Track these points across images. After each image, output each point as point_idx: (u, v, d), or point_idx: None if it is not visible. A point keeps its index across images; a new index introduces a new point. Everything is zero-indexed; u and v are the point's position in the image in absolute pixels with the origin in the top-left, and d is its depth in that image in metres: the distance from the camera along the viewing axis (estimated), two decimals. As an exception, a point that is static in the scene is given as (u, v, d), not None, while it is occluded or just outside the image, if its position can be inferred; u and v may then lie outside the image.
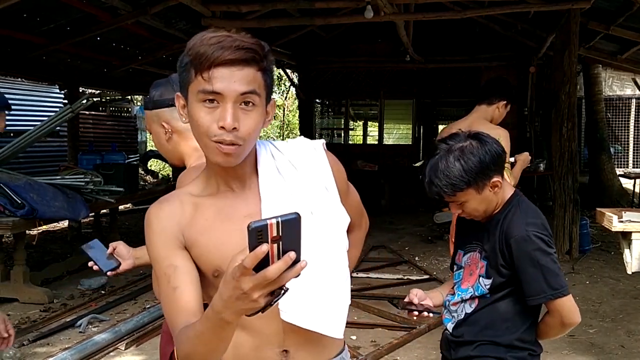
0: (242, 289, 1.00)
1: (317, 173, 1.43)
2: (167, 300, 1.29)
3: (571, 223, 7.48)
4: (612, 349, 4.52)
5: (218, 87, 1.22)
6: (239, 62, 1.23)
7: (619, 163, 14.95)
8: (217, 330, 1.12)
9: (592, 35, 8.97)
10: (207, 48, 1.22)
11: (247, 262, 0.97)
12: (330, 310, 1.37)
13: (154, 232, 1.34)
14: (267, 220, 0.97)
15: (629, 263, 3.17)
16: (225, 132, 1.23)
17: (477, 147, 1.91)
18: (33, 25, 7.40)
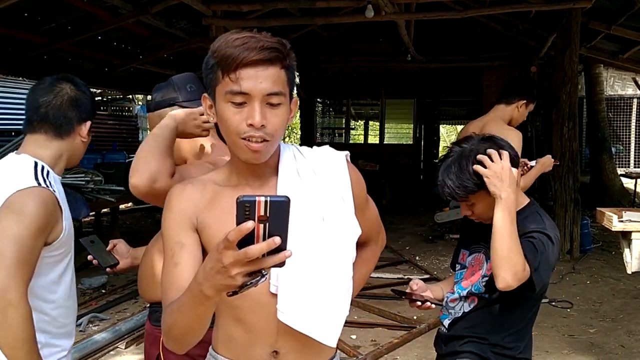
0: (223, 262, 1.02)
1: (336, 182, 1.45)
2: (166, 274, 1.33)
3: (572, 223, 7.48)
4: (612, 348, 4.51)
5: (245, 87, 1.27)
6: (263, 62, 1.27)
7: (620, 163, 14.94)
8: (196, 304, 1.14)
9: (593, 34, 8.97)
10: (232, 50, 1.26)
11: (231, 235, 0.99)
12: (327, 317, 1.37)
13: (171, 210, 1.38)
14: (256, 196, 0.98)
15: (629, 263, 3.15)
16: (253, 129, 1.28)
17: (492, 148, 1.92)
18: (34, 24, 7.41)
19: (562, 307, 5.52)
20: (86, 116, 1.98)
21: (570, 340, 4.67)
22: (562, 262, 7.23)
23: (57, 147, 1.93)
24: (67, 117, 1.93)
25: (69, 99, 1.94)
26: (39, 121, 1.91)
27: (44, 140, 1.91)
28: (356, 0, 7.24)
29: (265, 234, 1.00)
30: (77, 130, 1.96)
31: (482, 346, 2.01)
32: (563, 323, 5.07)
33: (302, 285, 1.34)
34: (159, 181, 1.70)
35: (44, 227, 1.77)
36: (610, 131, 13.34)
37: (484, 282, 2.00)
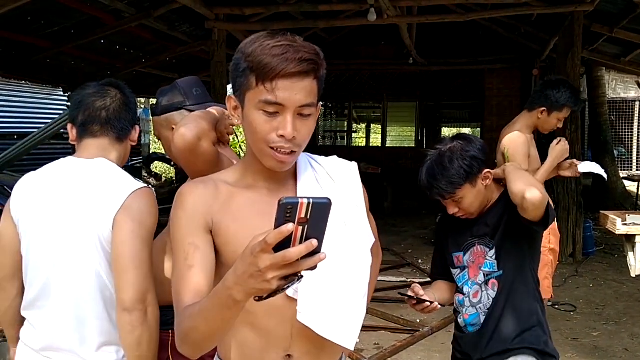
0: (259, 266, 0.99)
1: (351, 189, 1.46)
2: (179, 276, 1.30)
3: (575, 226, 7.47)
4: (616, 352, 4.50)
5: (281, 99, 1.25)
6: (300, 74, 1.25)
7: (623, 166, 14.90)
8: (222, 308, 1.11)
9: (595, 37, 8.96)
10: (270, 59, 1.23)
11: (270, 238, 0.96)
12: (346, 320, 1.37)
13: (184, 209, 1.34)
14: (299, 198, 0.96)
15: (632, 266, 3.16)
16: (284, 141, 1.27)
17: (464, 144, 2.10)
18: (37, 28, 7.43)
19: (565, 310, 5.51)
20: (135, 120, 2.03)
21: (573, 343, 4.67)
22: (565, 265, 7.22)
23: (118, 150, 1.96)
24: (126, 121, 1.97)
25: (124, 103, 1.98)
26: (102, 125, 1.93)
27: (108, 144, 1.94)
28: (359, 3, 7.25)
29: (302, 237, 0.98)
30: (130, 135, 2.00)
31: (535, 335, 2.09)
32: (566, 326, 5.06)
33: (322, 288, 1.33)
34: (205, 141, 1.71)
35: (156, 225, 1.84)
36: (613, 134, 13.31)
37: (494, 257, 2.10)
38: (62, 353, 1.81)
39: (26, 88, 11.64)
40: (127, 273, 1.72)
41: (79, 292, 1.79)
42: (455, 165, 2.05)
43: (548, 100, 3.35)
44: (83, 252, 1.78)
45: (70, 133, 1.98)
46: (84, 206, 1.78)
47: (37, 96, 12.12)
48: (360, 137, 16.96)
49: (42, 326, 1.82)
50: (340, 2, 7.60)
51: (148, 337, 1.73)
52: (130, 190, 1.80)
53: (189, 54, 9.72)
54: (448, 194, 2.09)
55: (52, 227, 1.80)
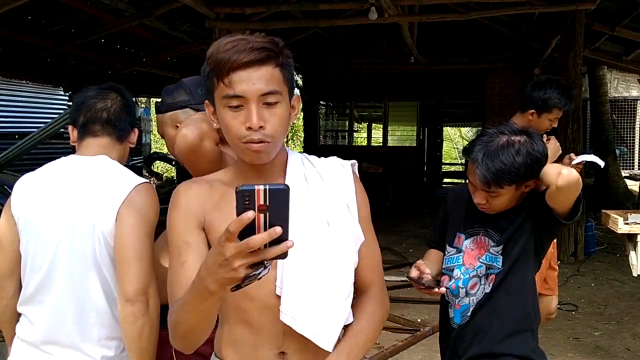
0: (225, 254, 1.01)
1: (341, 189, 1.45)
2: (172, 272, 1.35)
3: (576, 225, 7.45)
4: (618, 351, 4.49)
5: (239, 90, 1.26)
6: (255, 63, 1.26)
7: (625, 165, 14.89)
8: (200, 300, 1.14)
9: (597, 36, 8.94)
10: (223, 54, 1.26)
11: (232, 227, 0.99)
12: (326, 321, 1.37)
13: (177, 207, 1.39)
14: (254, 185, 0.98)
15: (634, 265, 3.15)
16: (253, 132, 1.28)
17: (531, 142, 1.94)
18: (38, 27, 7.42)
19: (566, 309, 5.49)
20: (134, 123, 2.06)
21: (575, 343, 4.65)
22: (566, 265, 7.20)
23: (118, 150, 2.00)
24: (125, 123, 2.00)
25: (124, 105, 2.01)
26: (103, 125, 1.96)
27: (108, 143, 1.97)
28: (359, 2, 7.24)
29: (266, 224, 0.99)
30: (128, 137, 2.04)
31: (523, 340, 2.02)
32: (568, 326, 5.05)
33: (304, 288, 1.34)
34: (207, 141, 1.72)
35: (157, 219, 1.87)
36: (614, 133, 13.30)
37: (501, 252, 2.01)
38: (63, 347, 1.84)
39: (27, 87, 11.64)
40: (131, 265, 1.76)
41: (81, 286, 1.82)
42: (519, 161, 1.90)
43: (535, 103, 3.33)
44: (85, 246, 1.81)
45: (71, 134, 2.01)
46: (87, 201, 1.82)
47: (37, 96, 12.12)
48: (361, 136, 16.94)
49: (41, 321, 1.85)
50: (341, 1, 7.59)
51: (149, 328, 1.77)
52: (132, 184, 1.84)
53: (190, 53, 9.71)
54: (496, 184, 1.92)
55: (54, 222, 1.83)
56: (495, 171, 1.90)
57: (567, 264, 7.25)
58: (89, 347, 1.83)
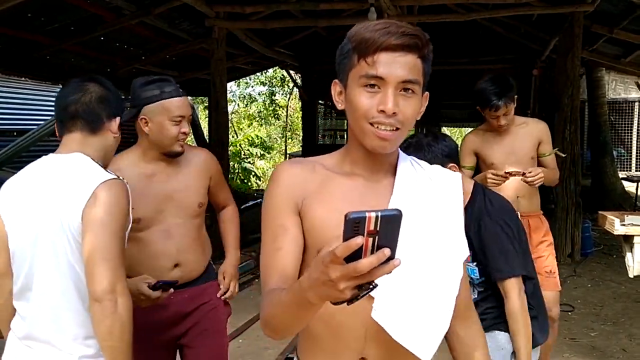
0: (330, 276, 0.96)
1: (451, 197, 1.40)
2: (267, 257, 1.31)
3: (573, 226, 7.47)
4: (614, 352, 4.51)
5: (381, 72, 1.23)
6: (402, 48, 1.23)
7: (622, 166, 14.91)
8: (298, 307, 1.10)
9: (595, 38, 8.96)
10: (372, 34, 1.23)
11: (338, 251, 0.93)
12: (424, 327, 1.29)
13: (278, 186, 1.34)
14: (366, 212, 0.93)
15: (630, 267, 3.15)
16: (384, 116, 1.24)
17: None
18: (37, 25, 7.42)
19: (563, 310, 5.50)
20: (115, 112, 2.02)
21: (571, 343, 4.68)
22: (563, 265, 7.22)
23: (94, 143, 1.97)
24: (96, 114, 1.97)
25: (97, 96, 1.99)
26: (71, 119, 1.95)
27: (81, 137, 1.96)
28: (359, 2, 7.25)
29: (374, 247, 0.95)
30: (108, 126, 2.00)
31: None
32: (564, 326, 5.07)
33: (402, 289, 1.28)
34: None
35: (127, 216, 1.86)
36: (612, 134, 13.32)
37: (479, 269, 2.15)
38: (39, 343, 1.86)
39: (26, 85, 11.62)
40: (96, 264, 1.75)
41: (55, 284, 1.83)
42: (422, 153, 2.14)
43: (476, 101, 3.47)
44: (57, 245, 1.82)
45: (56, 130, 2.03)
46: (55, 200, 1.82)
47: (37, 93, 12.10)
48: (359, 136, 16.92)
49: (27, 317, 1.88)
50: (341, 0, 7.59)
51: (119, 327, 1.75)
52: (98, 182, 1.82)
53: (189, 51, 9.70)
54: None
55: (30, 222, 1.84)
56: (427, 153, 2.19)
57: (564, 264, 7.27)
58: (66, 345, 1.84)
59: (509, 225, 2.15)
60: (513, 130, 3.48)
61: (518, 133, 3.48)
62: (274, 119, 22.43)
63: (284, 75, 18.99)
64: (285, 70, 13.28)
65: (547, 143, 3.52)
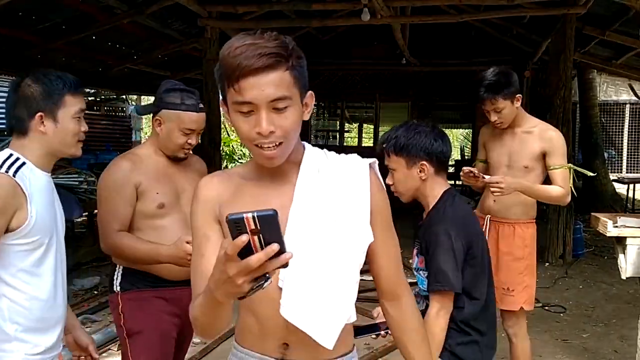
0: (228, 273, 1.08)
1: (355, 186, 1.44)
2: (193, 264, 1.42)
3: (565, 227, 7.50)
4: (606, 353, 4.52)
5: (249, 97, 1.27)
6: (264, 69, 1.26)
7: (613, 168, 14.99)
8: (211, 306, 1.23)
9: (587, 40, 9.00)
10: (232, 60, 1.26)
11: (229, 250, 1.06)
12: (326, 317, 1.37)
13: (198, 201, 1.45)
14: (243, 213, 1.04)
15: (623, 268, 3.16)
16: (262, 137, 1.30)
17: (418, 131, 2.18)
18: (28, 23, 7.37)
19: (555, 311, 5.53)
20: (35, 109, 1.97)
21: (563, 344, 4.68)
22: (554, 267, 7.25)
23: (28, 145, 1.97)
24: (17, 118, 1.98)
25: (17, 98, 1.98)
26: (8, 127, 2.02)
27: (16, 140, 1.99)
28: (352, 3, 7.24)
29: (262, 243, 1.06)
30: (34, 126, 1.97)
31: None
32: (556, 327, 5.08)
33: (305, 283, 1.36)
34: None
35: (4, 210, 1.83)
36: (603, 136, 13.38)
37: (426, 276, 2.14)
38: None
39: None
40: None
41: None
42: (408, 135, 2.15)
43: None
44: None
45: None
46: None
47: (27, 92, 12.03)
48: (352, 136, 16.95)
49: None
50: (333, 1, 7.58)
51: None
52: None
53: (181, 51, 9.68)
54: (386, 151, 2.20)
55: None
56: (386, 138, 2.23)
57: (556, 265, 7.30)
58: None
59: (457, 239, 2.08)
60: (517, 132, 3.34)
61: (520, 137, 3.32)
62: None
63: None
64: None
65: (557, 155, 3.23)
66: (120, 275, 2.51)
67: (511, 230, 3.32)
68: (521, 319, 3.36)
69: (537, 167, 3.27)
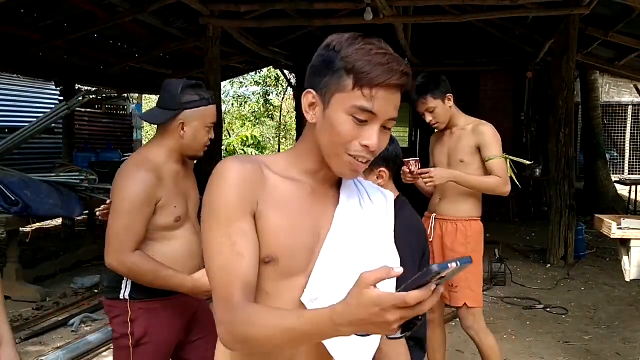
0: (387, 319, 0.98)
1: (385, 217, 1.43)
2: (226, 264, 1.18)
3: (567, 229, 7.47)
4: (608, 356, 4.50)
5: (377, 109, 1.21)
6: (399, 88, 1.23)
7: (615, 169, 14.97)
8: (319, 336, 1.10)
9: (590, 41, 8.97)
10: (375, 67, 1.19)
11: (411, 299, 0.96)
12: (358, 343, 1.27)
13: (230, 185, 1.21)
14: (448, 264, 0.96)
15: (627, 270, 3.14)
16: (366, 151, 1.23)
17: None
18: (30, 21, 7.35)
19: (557, 313, 5.51)
20: None
21: (565, 346, 4.66)
22: (556, 268, 7.23)
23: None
24: None
25: None
26: None
27: None
28: (355, 2, 7.22)
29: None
30: None
31: None
32: (558, 329, 5.06)
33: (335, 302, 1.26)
34: None
35: None
36: (605, 137, 13.36)
37: None
38: None
39: (18, 82, 11.54)
40: None
41: None
42: None
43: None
44: None
45: None
46: None
47: (29, 90, 12.02)
48: (353, 136, 16.88)
49: None
50: (336, 0, 7.57)
51: None
52: None
53: (183, 50, 9.66)
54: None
55: None
56: None
57: (557, 267, 7.28)
58: None
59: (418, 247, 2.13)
60: (455, 131, 3.48)
61: (457, 135, 3.47)
62: (267, 119, 22.38)
63: (278, 74, 18.93)
64: (279, 69, 13.24)
65: (490, 147, 3.34)
66: (129, 284, 2.37)
67: (454, 227, 3.42)
68: (478, 317, 3.42)
69: (474, 162, 3.39)
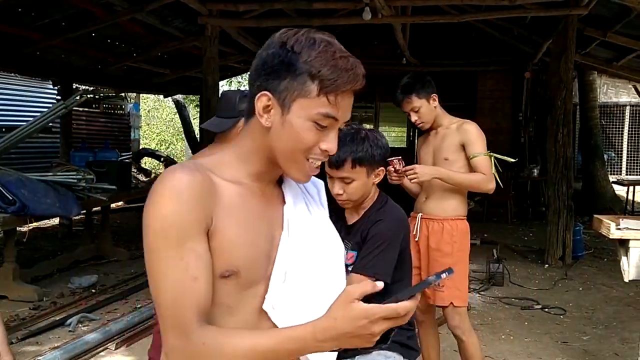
0: (373, 331, 0.99)
1: (321, 200, 1.44)
2: (180, 288, 1.09)
3: (565, 229, 7.47)
4: (606, 356, 4.50)
5: (341, 115, 1.19)
6: (357, 92, 1.22)
7: (613, 170, 14.98)
8: (300, 353, 1.09)
9: (588, 41, 8.98)
10: (342, 73, 1.15)
11: (402, 310, 0.98)
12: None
13: (183, 200, 1.09)
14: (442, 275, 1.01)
15: (626, 271, 3.14)
16: (324, 155, 1.21)
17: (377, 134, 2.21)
18: (28, 20, 7.33)
19: (555, 313, 5.50)
20: None
21: (563, 347, 4.66)
22: (554, 269, 7.22)
23: None
24: None
25: None
26: None
27: None
28: (353, 2, 7.22)
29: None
30: None
31: None
32: (556, 329, 5.05)
33: (297, 308, 1.26)
34: None
35: None
36: (603, 138, 13.37)
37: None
38: None
39: (15, 81, 11.51)
40: None
41: None
42: (366, 144, 2.11)
43: None
44: None
45: None
46: None
47: (26, 89, 11.99)
48: (351, 136, 16.87)
49: None
50: (335, 0, 7.56)
51: None
52: None
53: (181, 49, 9.64)
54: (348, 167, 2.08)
55: None
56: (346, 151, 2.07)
57: (555, 267, 7.28)
58: None
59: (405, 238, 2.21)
60: (440, 131, 3.53)
61: (442, 134, 3.50)
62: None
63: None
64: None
65: (474, 145, 3.35)
66: None
67: (440, 226, 3.42)
68: (464, 316, 3.41)
69: (458, 160, 3.40)
